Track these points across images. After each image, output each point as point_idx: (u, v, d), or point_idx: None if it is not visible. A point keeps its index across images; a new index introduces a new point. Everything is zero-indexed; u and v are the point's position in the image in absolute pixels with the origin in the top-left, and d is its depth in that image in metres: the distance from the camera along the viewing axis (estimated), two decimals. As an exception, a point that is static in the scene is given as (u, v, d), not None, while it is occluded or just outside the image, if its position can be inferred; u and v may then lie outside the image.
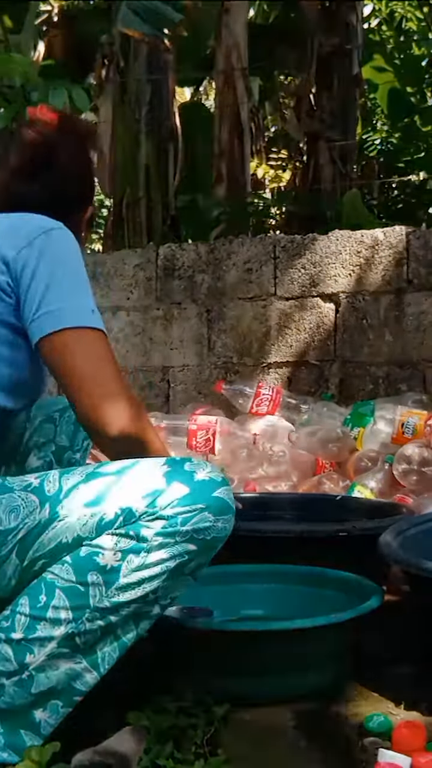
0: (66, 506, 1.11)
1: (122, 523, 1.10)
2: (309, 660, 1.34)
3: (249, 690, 1.32)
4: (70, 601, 1.09)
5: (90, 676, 1.12)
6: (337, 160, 5.21)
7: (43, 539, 1.11)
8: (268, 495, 2.28)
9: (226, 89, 5.22)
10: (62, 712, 1.12)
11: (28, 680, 1.09)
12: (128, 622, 1.13)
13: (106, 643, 1.12)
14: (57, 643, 1.09)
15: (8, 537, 1.11)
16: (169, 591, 1.14)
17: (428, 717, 1.27)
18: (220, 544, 1.17)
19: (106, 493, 1.12)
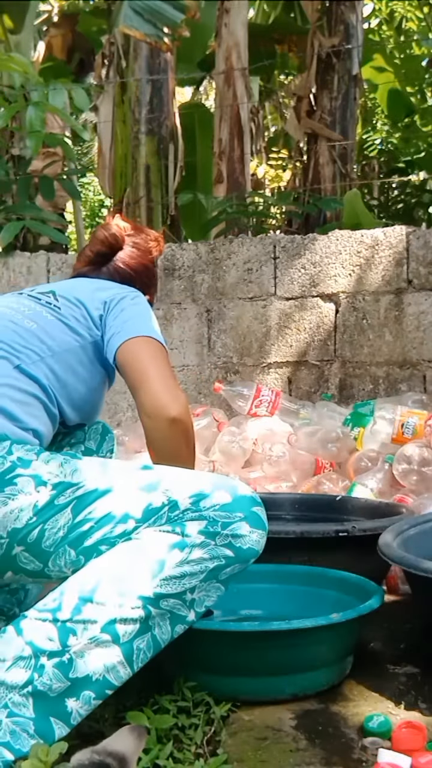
0: (122, 483, 1.24)
1: (167, 513, 1.21)
2: (309, 660, 1.34)
3: (249, 690, 1.32)
4: (118, 586, 1.16)
5: (124, 671, 1.17)
6: (337, 160, 5.20)
7: (97, 505, 1.21)
8: (268, 495, 2.28)
9: (226, 89, 5.22)
10: (93, 703, 1.16)
11: (67, 663, 1.13)
12: (165, 621, 1.19)
13: (142, 640, 1.17)
14: (101, 628, 1.14)
15: (67, 490, 1.22)
16: (204, 595, 1.22)
17: (428, 717, 1.27)
18: (252, 557, 1.26)
19: (157, 484, 1.23)
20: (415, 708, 1.30)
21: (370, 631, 1.58)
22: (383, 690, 1.37)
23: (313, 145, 5.30)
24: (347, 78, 5.25)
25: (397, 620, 1.70)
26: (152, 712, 1.23)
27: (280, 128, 8.40)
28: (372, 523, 1.79)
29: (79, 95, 3.93)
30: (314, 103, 5.28)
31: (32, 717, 1.12)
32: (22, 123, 4.26)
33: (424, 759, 1.11)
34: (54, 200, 4.70)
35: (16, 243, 4.20)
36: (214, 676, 1.32)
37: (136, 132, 5.17)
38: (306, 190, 5.23)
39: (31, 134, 3.76)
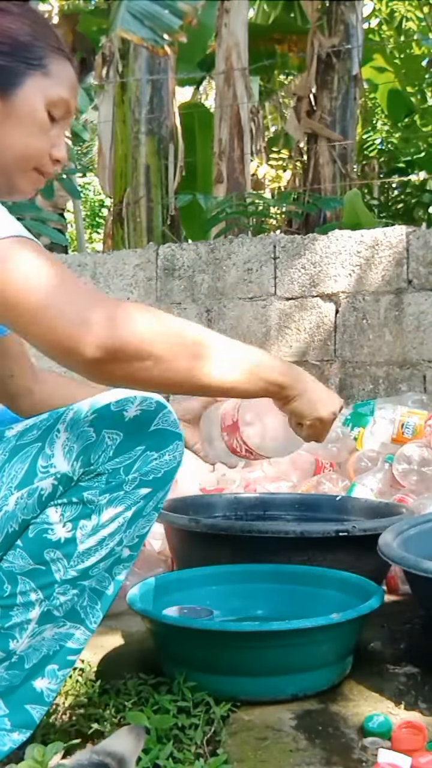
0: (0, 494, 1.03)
1: (62, 491, 1.03)
2: (309, 660, 1.34)
3: (249, 690, 1.32)
4: (36, 582, 1.05)
5: (79, 633, 1.11)
6: (337, 160, 5.21)
7: None
8: (268, 495, 2.28)
9: (226, 89, 5.22)
10: (61, 675, 1.11)
11: (18, 662, 1.09)
12: (102, 578, 1.11)
13: (84, 600, 1.10)
14: (36, 622, 1.07)
15: None
16: (133, 533, 1.10)
17: (428, 717, 1.27)
18: (174, 474, 1.09)
19: (34, 467, 1.02)
20: (415, 708, 1.30)
21: (370, 631, 1.58)
22: (383, 690, 1.37)
23: (313, 145, 5.30)
24: (347, 78, 5.25)
25: (397, 620, 1.69)
26: (152, 712, 1.23)
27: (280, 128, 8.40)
28: (372, 523, 1.79)
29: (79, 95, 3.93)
30: (314, 103, 5.29)
31: (6, 713, 1.09)
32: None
33: (424, 759, 1.11)
34: (54, 200, 4.71)
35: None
36: (214, 676, 1.32)
37: (136, 132, 5.17)
38: (306, 190, 5.23)
39: (31, 134, 3.75)
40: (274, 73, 7.22)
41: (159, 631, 1.39)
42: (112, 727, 1.23)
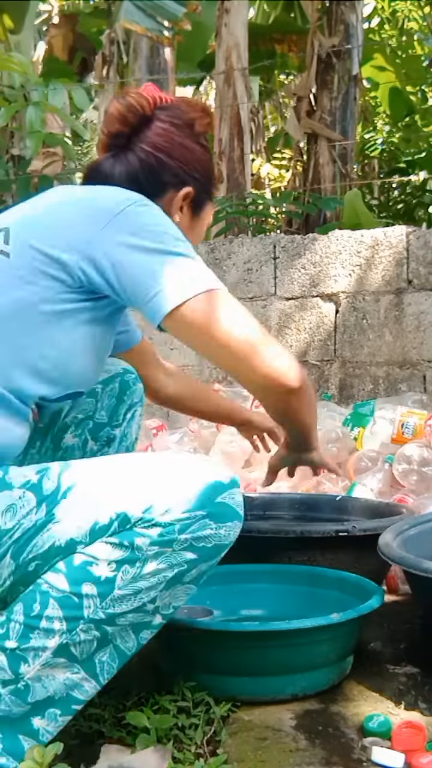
0: (62, 507, 1.06)
1: (117, 529, 1.05)
2: (309, 660, 1.34)
3: (249, 690, 1.32)
4: (64, 611, 1.05)
5: (89, 686, 1.10)
6: (337, 160, 5.20)
7: (38, 541, 1.06)
8: (268, 495, 2.28)
9: (226, 89, 5.22)
10: (61, 720, 1.10)
11: (24, 690, 1.07)
12: (127, 632, 1.10)
13: (104, 653, 1.09)
14: (52, 653, 1.06)
15: (3, 538, 1.06)
16: (169, 600, 1.11)
17: (428, 717, 1.27)
18: (222, 552, 1.11)
19: (102, 495, 1.07)
20: (415, 708, 1.30)
21: (370, 631, 1.58)
22: (383, 690, 1.37)
23: (313, 145, 5.30)
24: (347, 78, 5.25)
25: (397, 620, 1.69)
26: (152, 712, 1.23)
27: (280, 128, 8.40)
28: (372, 523, 1.79)
29: (79, 95, 3.93)
30: (314, 103, 5.29)
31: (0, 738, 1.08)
32: (22, 123, 4.27)
33: (424, 759, 1.11)
34: (54, 200, 4.70)
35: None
36: (214, 676, 1.32)
37: (136, 132, 5.17)
38: (306, 190, 5.23)
39: (31, 134, 3.76)
40: (274, 73, 7.22)
41: (159, 631, 1.39)
42: (112, 727, 1.23)
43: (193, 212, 1.38)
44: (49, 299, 1.14)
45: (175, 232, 1.18)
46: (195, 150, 1.36)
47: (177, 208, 1.34)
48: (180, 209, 1.35)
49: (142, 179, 1.30)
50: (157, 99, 1.35)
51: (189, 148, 1.35)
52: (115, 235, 1.14)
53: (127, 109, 1.32)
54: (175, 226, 1.21)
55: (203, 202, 1.39)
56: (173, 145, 1.33)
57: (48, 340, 1.15)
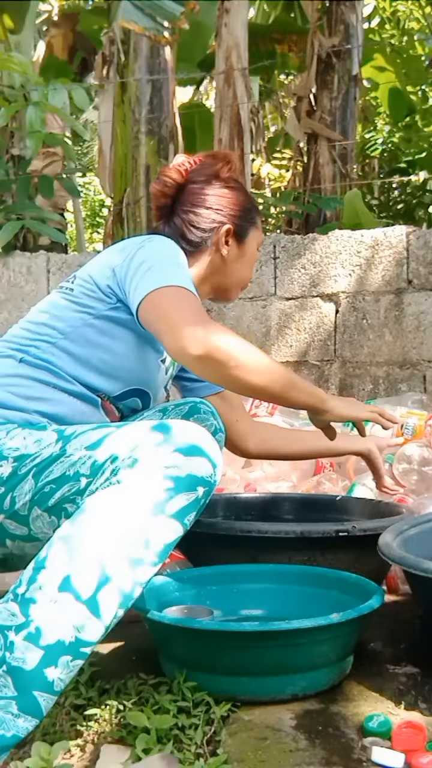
0: (73, 445, 1.31)
1: (109, 466, 1.25)
2: (309, 660, 1.34)
3: (249, 690, 1.32)
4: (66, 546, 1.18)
5: (96, 626, 1.16)
6: (337, 160, 5.20)
7: (53, 468, 1.30)
8: (268, 495, 2.28)
9: (226, 89, 5.22)
10: (72, 666, 1.15)
11: (35, 633, 1.13)
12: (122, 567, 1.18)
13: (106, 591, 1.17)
14: (57, 587, 1.15)
15: (26, 460, 1.32)
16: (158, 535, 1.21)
17: (428, 717, 1.27)
18: (197, 485, 1.24)
19: (102, 441, 1.29)
20: (415, 708, 1.30)
21: (370, 631, 1.58)
22: (383, 690, 1.37)
23: (313, 145, 5.30)
24: (347, 78, 5.24)
25: (397, 620, 1.70)
26: (152, 712, 1.23)
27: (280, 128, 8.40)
28: (372, 523, 1.79)
29: (79, 95, 3.93)
30: (314, 103, 5.28)
31: (14, 696, 1.11)
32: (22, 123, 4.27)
33: (424, 759, 1.11)
34: (54, 199, 4.70)
35: (15, 243, 4.20)
36: (214, 676, 1.32)
37: (136, 132, 5.17)
38: (306, 190, 5.23)
39: (31, 134, 3.76)
40: (274, 73, 7.21)
41: (159, 631, 1.40)
42: (112, 727, 1.23)
43: (239, 242, 1.68)
44: (98, 316, 1.52)
45: (169, 252, 1.53)
46: (226, 194, 1.67)
47: (223, 244, 1.66)
48: (226, 243, 1.66)
49: (187, 233, 1.65)
50: (187, 166, 1.68)
51: (220, 195, 1.66)
52: (126, 256, 1.51)
53: (163, 185, 1.67)
54: (175, 248, 1.56)
55: (246, 229, 1.69)
56: (206, 198, 1.65)
57: (103, 347, 1.53)
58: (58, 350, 1.51)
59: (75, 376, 1.51)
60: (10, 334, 1.58)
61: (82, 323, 1.53)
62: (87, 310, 1.53)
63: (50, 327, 1.53)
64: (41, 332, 1.53)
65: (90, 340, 1.52)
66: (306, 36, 5.46)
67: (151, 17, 4.69)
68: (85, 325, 1.53)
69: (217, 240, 1.66)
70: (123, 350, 1.55)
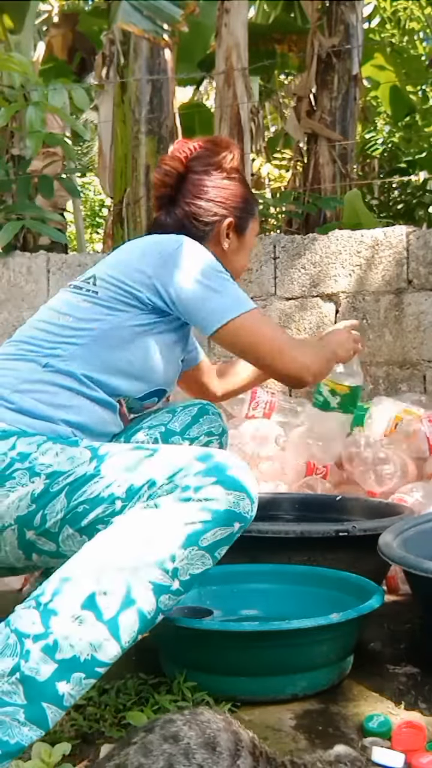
0: (107, 466, 1.29)
1: (146, 491, 1.24)
2: (309, 660, 1.34)
3: (249, 690, 1.32)
4: (95, 563, 1.18)
5: (112, 648, 1.15)
6: (337, 160, 5.19)
7: (87, 488, 1.27)
8: (268, 495, 2.28)
9: (226, 89, 5.21)
10: (85, 684, 1.14)
11: (53, 645, 1.12)
12: (147, 592, 1.17)
13: (127, 614, 1.16)
14: (81, 604, 1.14)
15: (59, 478, 1.29)
16: (186, 563, 1.20)
17: (428, 717, 1.27)
18: (233, 520, 1.23)
19: (140, 464, 1.27)
20: (415, 708, 1.30)
21: (370, 631, 1.58)
22: (383, 690, 1.37)
23: (313, 145, 5.29)
24: (347, 78, 5.24)
25: (397, 620, 1.70)
26: (152, 712, 1.23)
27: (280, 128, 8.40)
28: (372, 523, 1.79)
29: (79, 95, 3.93)
30: (314, 103, 5.28)
31: (23, 704, 1.10)
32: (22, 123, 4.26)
33: (424, 759, 1.11)
34: (54, 199, 4.70)
35: (15, 243, 4.20)
36: (214, 676, 1.32)
37: (136, 132, 5.16)
38: (306, 190, 5.23)
39: (31, 134, 3.76)
40: (274, 73, 7.21)
41: (159, 631, 1.39)
42: (112, 727, 1.23)
43: (239, 234, 1.69)
44: (130, 322, 1.50)
45: (215, 265, 1.53)
46: (227, 186, 1.66)
47: (224, 237, 1.66)
48: (227, 236, 1.66)
49: (189, 225, 1.63)
50: (187, 153, 1.66)
51: (223, 187, 1.65)
52: (171, 270, 1.50)
53: (164, 175, 1.65)
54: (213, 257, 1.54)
55: (246, 222, 1.69)
56: (208, 190, 1.64)
57: (132, 350, 1.51)
58: (86, 353, 1.47)
59: (99, 381, 1.48)
60: (24, 335, 1.53)
61: (110, 326, 1.49)
62: (117, 314, 1.50)
63: (76, 329, 1.48)
64: (65, 335, 1.48)
65: (120, 343, 1.50)
66: (306, 36, 5.46)
67: (151, 19, 4.68)
68: (113, 328, 1.49)
69: (219, 233, 1.65)
70: (150, 353, 1.53)
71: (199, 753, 0.93)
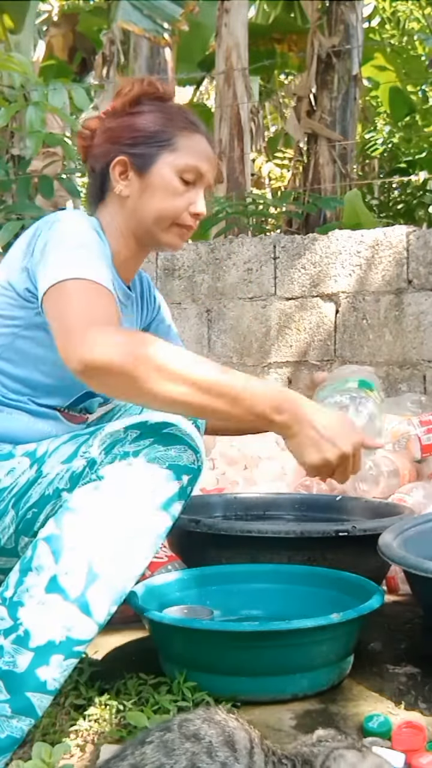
0: (48, 464, 1.25)
1: (88, 472, 1.20)
2: (309, 660, 1.34)
3: (249, 690, 1.32)
4: (51, 546, 1.15)
5: (86, 624, 1.14)
6: (337, 160, 5.20)
7: (32, 493, 1.24)
8: (268, 495, 2.28)
9: (226, 89, 5.22)
10: (66, 665, 1.13)
11: (24, 636, 1.12)
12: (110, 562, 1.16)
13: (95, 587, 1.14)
14: (44, 589, 1.13)
15: (4, 494, 1.26)
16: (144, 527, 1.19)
17: (428, 717, 1.27)
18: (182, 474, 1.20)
19: (77, 449, 1.23)
20: (415, 708, 1.30)
21: (370, 631, 1.58)
22: (383, 690, 1.37)
23: (313, 145, 5.30)
24: (347, 78, 5.24)
25: (397, 620, 1.70)
26: (152, 712, 1.23)
27: (280, 128, 8.40)
28: (372, 523, 1.79)
29: (79, 95, 3.93)
30: (314, 103, 5.28)
31: (7, 699, 1.10)
32: (22, 123, 4.26)
33: (424, 759, 1.11)
34: (54, 199, 4.70)
35: (15, 243, 4.20)
36: (214, 676, 1.32)
37: (136, 132, 5.16)
38: (306, 190, 5.23)
39: (31, 134, 3.76)
40: (274, 73, 7.22)
41: (159, 631, 1.40)
42: (112, 727, 1.23)
43: (140, 171, 1.39)
44: (27, 326, 1.33)
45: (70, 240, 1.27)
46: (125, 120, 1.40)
47: (117, 180, 1.40)
48: (120, 179, 1.40)
49: (91, 181, 1.46)
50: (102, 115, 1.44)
51: (117, 125, 1.40)
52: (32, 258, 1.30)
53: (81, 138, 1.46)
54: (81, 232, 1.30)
55: (151, 156, 1.38)
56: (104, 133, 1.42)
57: (41, 359, 1.35)
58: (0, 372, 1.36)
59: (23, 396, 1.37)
60: None
61: (13, 338, 1.35)
62: (13, 321, 1.34)
63: None
64: None
65: (25, 354, 1.35)
66: (306, 36, 5.46)
67: (151, 18, 4.69)
68: (17, 338, 1.35)
69: (112, 178, 1.40)
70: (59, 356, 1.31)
71: (221, 751, 0.94)
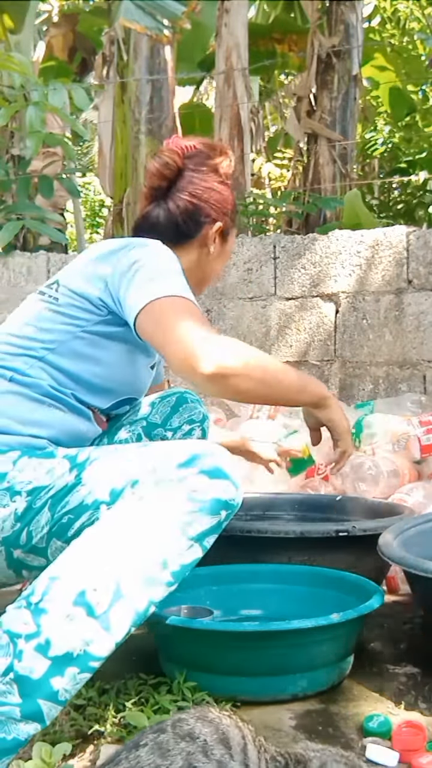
0: (88, 473, 1.27)
1: (129, 490, 1.22)
2: (309, 660, 1.34)
3: (249, 690, 1.32)
4: (83, 559, 1.17)
5: (105, 642, 1.15)
6: (337, 160, 5.20)
7: (70, 499, 1.26)
8: (268, 495, 2.28)
9: (226, 89, 5.22)
10: (79, 679, 1.14)
11: (45, 644, 1.12)
12: (137, 585, 1.17)
13: (119, 607, 1.15)
14: (72, 601, 1.14)
15: (41, 492, 1.28)
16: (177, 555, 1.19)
17: (428, 717, 1.27)
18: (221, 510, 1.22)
19: (120, 465, 1.26)
20: (415, 708, 1.30)
21: (370, 631, 1.58)
22: (383, 690, 1.37)
23: (313, 145, 5.29)
24: (347, 78, 5.24)
25: (397, 620, 1.70)
26: (152, 712, 1.23)
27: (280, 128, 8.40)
28: (372, 523, 1.79)
29: (79, 95, 3.93)
30: (314, 103, 5.28)
31: (18, 703, 1.10)
32: (22, 123, 4.27)
33: (424, 759, 1.11)
34: (54, 199, 4.70)
35: (15, 243, 4.20)
36: (214, 676, 1.32)
37: (136, 132, 5.17)
38: (306, 190, 5.23)
39: (31, 134, 3.76)
40: (274, 73, 7.21)
41: (159, 631, 1.40)
42: (112, 727, 1.23)
43: (223, 241, 1.67)
44: (87, 329, 1.44)
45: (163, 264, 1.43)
46: (222, 191, 1.65)
47: (211, 240, 1.64)
48: (213, 240, 1.64)
49: (180, 221, 1.60)
50: (184, 149, 1.63)
51: (217, 190, 1.64)
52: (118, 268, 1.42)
53: (163, 166, 1.61)
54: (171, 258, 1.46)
55: (230, 230, 1.68)
56: (204, 190, 1.62)
57: (93, 360, 1.45)
58: (47, 365, 1.43)
59: (66, 392, 1.44)
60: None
61: (71, 336, 1.44)
62: (75, 322, 1.45)
63: (36, 341, 1.44)
64: (26, 346, 1.44)
65: (79, 353, 1.45)
66: (306, 36, 5.46)
67: (153, 16, 4.69)
68: (74, 338, 1.44)
69: (206, 236, 1.62)
70: (114, 361, 1.48)
71: (216, 749, 0.94)
